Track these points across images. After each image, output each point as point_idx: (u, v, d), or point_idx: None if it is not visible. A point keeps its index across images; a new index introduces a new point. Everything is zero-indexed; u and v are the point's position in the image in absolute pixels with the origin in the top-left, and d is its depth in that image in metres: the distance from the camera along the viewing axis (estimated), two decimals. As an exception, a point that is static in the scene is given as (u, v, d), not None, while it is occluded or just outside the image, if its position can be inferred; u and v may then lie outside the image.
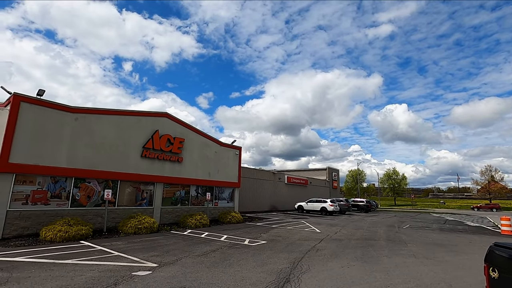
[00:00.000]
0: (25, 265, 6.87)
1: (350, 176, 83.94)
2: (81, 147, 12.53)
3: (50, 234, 10.09)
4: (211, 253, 8.80)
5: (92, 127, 13.01)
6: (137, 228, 12.42)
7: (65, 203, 11.97)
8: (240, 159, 21.54)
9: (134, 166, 14.47)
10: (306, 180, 38.11)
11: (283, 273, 6.66)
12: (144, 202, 14.93)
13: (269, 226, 16.57)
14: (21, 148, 10.79)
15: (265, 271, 6.85)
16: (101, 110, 13.51)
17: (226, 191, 20.18)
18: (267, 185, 30.87)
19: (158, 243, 10.36)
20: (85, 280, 5.80)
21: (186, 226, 14.91)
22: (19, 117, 10.85)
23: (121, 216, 13.65)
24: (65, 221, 10.82)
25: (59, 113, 11.98)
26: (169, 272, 6.56)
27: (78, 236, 10.51)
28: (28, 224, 10.83)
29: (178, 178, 16.58)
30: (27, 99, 11.14)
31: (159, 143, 15.59)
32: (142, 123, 15.09)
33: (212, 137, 19.46)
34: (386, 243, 11.63)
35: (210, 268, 6.96)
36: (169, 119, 16.60)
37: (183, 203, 16.97)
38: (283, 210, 32.37)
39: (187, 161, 17.25)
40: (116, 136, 13.85)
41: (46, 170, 11.38)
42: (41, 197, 11.31)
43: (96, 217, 12.76)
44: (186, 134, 17.37)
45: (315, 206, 28.51)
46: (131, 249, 9.12)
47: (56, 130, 11.82)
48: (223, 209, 19.40)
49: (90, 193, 12.85)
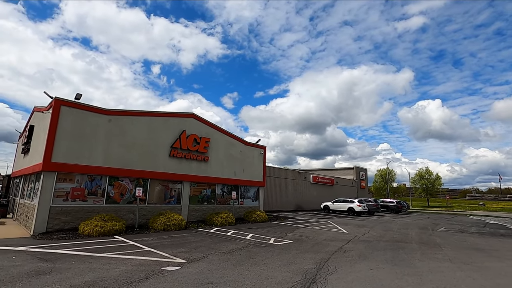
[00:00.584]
0: (66, 257, 7.41)
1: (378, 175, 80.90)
2: (115, 147, 13.24)
3: (88, 229, 10.78)
4: (237, 251, 8.91)
5: (125, 128, 13.69)
6: (166, 225, 12.89)
7: (101, 200, 12.72)
8: (264, 158, 21.57)
9: (163, 165, 15.02)
10: (332, 180, 37.30)
11: (309, 274, 6.59)
12: (172, 200, 15.46)
13: (294, 226, 16.45)
14: (61, 149, 11.62)
15: (290, 270, 6.81)
16: (132, 111, 14.17)
17: (251, 190, 20.32)
18: (292, 184, 30.64)
19: (186, 240, 10.68)
20: (119, 273, 6.13)
21: (212, 224, 15.23)
22: (59, 120, 11.68)
23: (151, 213, 14.23)
24: (101, 217, 11.50)
25: (94, 115, 12.74)
26: (197, 268, 6.74)
27: (112, 231, 11.13)
28: (68, 219, 11.65)
29: (204, 177, 16.97)
30: (67, 103, 11.97)
31: (186, 143, 16.05)
32: (170, 124, 15.62)
33: (237, 137, 19.67)
34: (419, 246, 11.08)
35: (236, 266, 7.05)
36: (195, 119, 17.02)
37: (209, 202, 17.34)
38: (308, 210, 31.96)
39: (213, 160, 17.59)
40: (146, 136, 14.46)
41: (84, 169, 12.16)
42: (79, 194, 12.11)
43: (128, 214, 13.42)
44: (211, 134, 17.72)
45: (342, 206, 27.83)
46: (161, 245, 9.49)
47: (92, 131, 12.58)
48: (248, 208, 19.56)
49: (123, 191, 13.54)
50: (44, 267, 6.37)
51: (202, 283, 5.63)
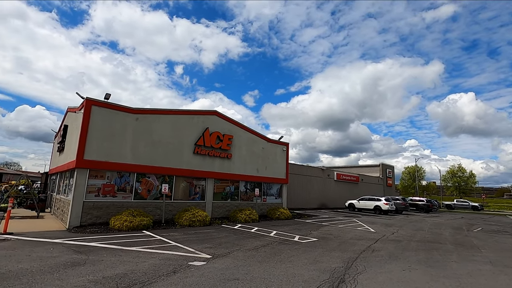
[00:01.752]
0: (99, 249, 7.73)
1: (406, 173, 77.69)
2: (142, 145, 13.66)
3: (118, 224, 11.22)
4: (261, 248, 8.86)
5: (151, 126, 14.07)
6: (191, 220, 13.13)
7: (129, 195, 13.19)
8: (287, 155, 21.35)
9: (187, 162, 15.30)
10: (357, 177, 36.25)
11: (337, 273, 6.38)
12: (197, 196, 15.72)
13: (319, 224, 16.14)
14: (93, 146, 12.16)
15: (317, 269, 6.64)
16: (158, 110, 14.53)
17: (274, 187, 20.21)
18: (315, 182, 30.15)
19: (211, 235, 10.79)
20: (148, 266, 6.27)
21: (236, 221, 15.31)
22: (90, 119, 12.22)
23: (177, 209, 14.56)
24: (130, 212, 11.92)
25: (123, 114, 13.20)
26: (222, 264, 6.76)
27: (140, 226, 11.50)
28: (100, 213, 12.20)
29: (227, 174, 17.09)
30: (97, 103, 12.49)
31: (209, 140, 16.23)
32: (194, 121, 15.86)
33: (259, 133, 19.61)
34: (454, 247, 10.43)
35: (261, 263, 6.99)
36: (218, 116, 17.15)
37: (232, 198, 17.45)
38: (332, 208, 31.32)
39: (236, 158, 17.66)
40: (171, 134, 14.79)
41: (114, 166, 12.66)
42: (109, 190, 12.63)
43: (155, 209, 13.82)
44: (234, 131, 17.78)
45: (368, 205, 26.96)
46: (187, 240, 9.65)
47: (121, 130, 13.05)
48: (271, 205, 19.48)
49: (150, 187, 13.95)
50: (78, 258, 6.68)
51: (228, 279, 5.62)
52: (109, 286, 4.97)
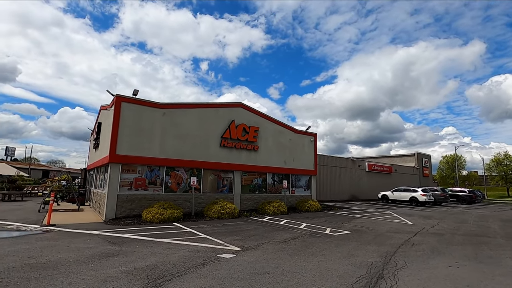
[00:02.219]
0: (131, 241, 7.91)
1: (444, 162, 72.93)
2: (170, 139, 13.87)
3: (150, 216, 11.52)
4: (292, 240, 8.58)
5: (178, 121, 14.24)
6: (220, 213, 13.17)
7: (160, 189, 13.51)
8: (315, 146, 20.71)
9: (214, 155, 15.34)
10: (391, 168, 34.50)
11: (374, 268, 5.93)
12: (224, 189, 15.77)
13: (350, 216, 15.50)
14: (124, 142, 12.54)
15: (352, 263, 6.23)
16: (184, 104, 14.65)
17: (302, 179, 19.75)
18: (345, 173, 29.14)
19: (240, 228, 10.71)
20: (178, 258, 6.27)
21: (264, 213, 15.15)
22: (121, 115, 12.58)
23: (206, 201, 14.70)
24: (161, 205, 12.19)
25: (150, 110, 13.45)
26: (252, 256, 6.58)
27: (171, 219, 11.73)
28: (133, 206, 12.62)
29: (254, 166, 16.93)
30: (126, 99, 12.82)
31: (236, 133, 16.12)
32: (220, 114, 15.81)
33: (286, 124, 19.16)
34: (507, 242, 9.41)
35: (292, 256, 6.72)
36: (244, 108, 16.97)
37: (260, 191, 17.30)
38: (363, 199, 30.16)
39: (263, 149, 17.43)
40: (198, 127, 14.87)
41: (144, 160, 12.99)
42: (141, 183, 13.01)
43: (185, 202, 14.05)
44: (260, 123, 17.52)
45: (403, 196, 25.55)
46: (216, 232, 9.64)
47: (149, 125, 13.33)
48: (300, 197, 19.08)
49: (179, 180, 14.19)
50: (112, 250, 6.86)
51: (258, 273, 5.43)
52: (140, 277, 4.98)
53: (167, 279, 4.95)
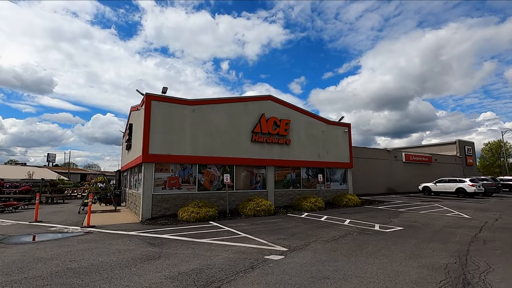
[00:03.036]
0: (171, 242, 7.56)
1: (487, 150, 67.53)
2: (200, 135, 13.54)
3: (185, 215, 11.23)
4: (341, 239, 7.80)
5: (207, 117, 13.87)
6: (255, 210, 12.64)
7: (193, 187, 13.23)
8: (350, 137, 19.54)
9: (246, 150, 14.82)
10: (430, 157, 32.13)
11: (453, 271, 5.03)
12: (258, 185, 15.21)
13: (395, 210, 14.31)
14: (156, 141, 12.36)
15: (422, 265, 5.36)
16: (213, 100, 14.25)
17: (337, 172, 18.71)
18: (381, 164, 27.50)
19: (279, 225, 10.08)
20: (222, 260, 5.76)
21: (301, 209, 14.41)
22: (151, 114, 12.42)
23: (239, 199, 14.25)
24: (196, 203, 11.89)
25: (180, 107, 13.19)
26: (303, 258, 5.92)
27: (207, 217, 11.37)
28: (168, 205, 12.44)
29: (287, 161, 16.21)
30: (156, 97, 12.63)
31: (266, 126, 15.48)
32: (249, 108, 15.25)
33: (318, 116, 18.21)
34: None
35: (348, 257, 5.96)
36: (273, 101, 16.27)
37: (294, 186, 16.56)
38: (402, 192, 28.32)
39: (295, 143, 16.65)
40: (228, 123, 14.42)
41: (176, 158, 12.76)
42: (175, 182, 12.80)
43: (218, 200, 13.68)
44: (291, 115, 16.74)
45: (448, 187, 23.55)
46: (255, 230, 9.08)
47: (179, 122, 13.07)
48: (336, 192, 18.08)
49: (212, 178, 13.84)
50: (153, 252, 6.51)
51: (316, 278, 4.75)
52: (187, 284, 4.50)
53: (217, 285, 4.42)
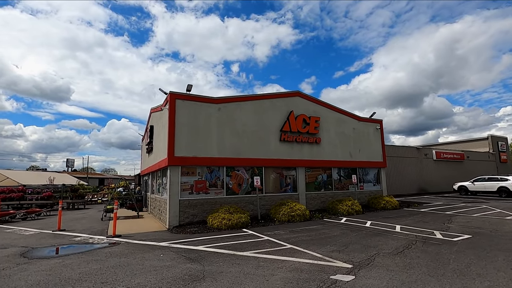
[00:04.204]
0: (210, 256, 6.62)
1: (516, 145, 63.66)
2: (227, 136, 12.63)
3: (216, 222, 10.31)
4: (407, 251, 6.64)
5: (234, 115, 12.95)
6: (290, 215, 11.59)
7: (221, 191, 12.32)
8: (382, 134, 18.20)
9: (274, 151, 13.81)
10: (462, 154, 30.13)
11: None
12: (288, 188, 14.16)
13: (442, 213, 12.93)
14: (182, 142, 11.53)
15: (542, 291, 4.18)
16: (239, 97, 13.33)
17: (370, 172, 17.41)
18: (410, 163, 25.87)
19: (323, 233, 8.99)
20: (282, 283, 4.75)
21: (337, 213, 13.25)
22: (176, 114, 11.60)
23: (269, 203, 13.25)
24: (226, 209, 10.95)
25: (205, 106, 12.33)
26: (378, 279, 4.83)
27: (239, 224, 10.40)
28: (195, 211, 11.57)
29: (318, 161, 15.08)
30: (180, 96, 11.81)
31: (296, 125, 14.43)
32: (276, 106, 14.24)
33: (348, 112, 16.98)
34: None
35: (438, 278, 4.83)
36: (301, 97, 15.20)
37: (326, 188, 15.40)
38: (434, 192, 26.56)
39: (325, 142, 15.50)
40: (254, 122, 13.46)
41: (203, 161, 11.89)
42: (202, 186, 11.93)
43: (248, 205, 12.72)
44: (320, 112, 15.61)
45: (488, 186, 21.73)
46: (300, 240, 8.04)
47: (205, 122, 12.20)
48: (370, 193, 16.80)
49: (240, 181, 12.89)
50: (194, 269, 5.58)
51: (416, 310, 3.66)
52: (253, 320, 3.51)
53: (293, 324, 3.41)
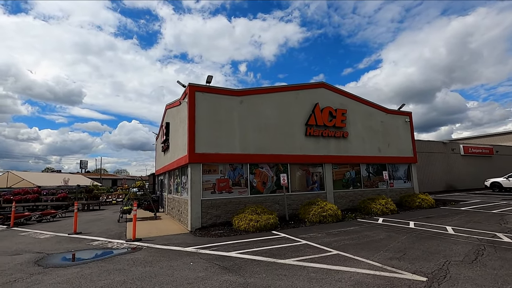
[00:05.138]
0: (246, 264, 5.72)
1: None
2: (250, 130, 11.74)
3: (243, 224, 9.43)
4: (479, 258, 5.58)
5: (256, 109, 12.05)
6: (321, 216, 10.60)
7: (245, 190, 11.44)
8: (412, 127, 16.98)
9: (300, 146, 12.83)
10: (491, 149, 28.39)
11: None
12: (315, 186, 13.16)
13: (489, 212, 11.69)
14: (202, 138, 10.71)
15: None
16: (262, 89, 12.42)
17: (400, 168, 16.22)
18: (437, 159, 24.41)
19: (365, 236, 7.98)
20: (350, 302, 3.80)
21: (370, 213, 12.18)
22: (196, 107, 10.78)
23: (296, 202, 12.29)
24: (253, 210, 10.05)
25: (227, 98, 11.46)
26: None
27: (268, 226, 9.50)
28: (218, 212, 10.72)
29: (345, 157, 14.02)
30: (200, 88, 10.99)
31: (321, 118, 13.41)
32: (300, 98, 13.26)
33: (376, 104, 15.83)
34: None
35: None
36: (326, 88, 14.16)
37: (354, 186, 14.31)
38: (463, 189, 25.00)
39: (352, 136, 14.42)
40: (278, 115, 12.52)
41: (225, 157, 11.03)
42: (224, 185, 11.07)
43: (273, 204, 11.80)
44: (346, 104, 14.54)
45: (526, 182, 20.16)
46: (343, 245, 7.06)
47: (227, 116, 11.34)
48: (400, 191, 15.61)
49: (265, 179, 11.98)
50: (235, 283, 4.69)
51: None
52: None
53: None
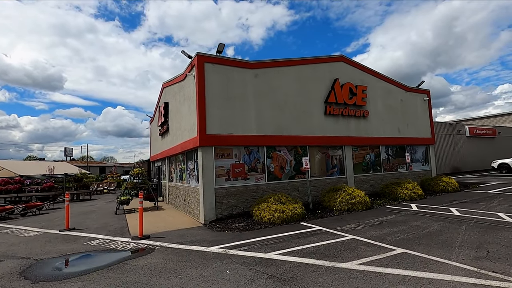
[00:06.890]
0: (300, 270, 4.46)
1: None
2: (266, 109, 10.30)
3: (267, 215, 8.16)
4: None
5: (272, 84, 10.56)
6: (349, 203, 9.48)
7: (262, 176, 10.12)
8: (430, 106, 15.89)
9: (319, 126, 11.54)
10: (494, 130, 27.99)
11: None
12: (335, 170, 11.99)
13: (523, 195, 10.87)
14: (213, 117, 9.21)
15: None
16: (278, 61, 10.86)
17: (418, 150, 15.24)
18: (443, 140, 23.72)
19: (416, 227, 6.87)
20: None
21: (396, 198, 11.15)
22: (206, 81, 9.20)
23: (316, 188, 11.13)
24: (276, 198, 8.78)
25: (240, 71, 9.91)
26: None
27: (295, 217, 8.29)
28: (234, 202, 9.41)
29: (365, 138, 12.85)
30: (210, 58, 9.36)
31: (342, 95, 12.08)
32: (319, 73, 11.82)
33: (395, 81, 14.58)
34: None
35: None
36: (346, 63, 12.75)
37: (374, 169, 13.25)
38: (468, 171, 24.61)
39: (372, 115, 13.21)
40: (296, 91, 11.10)
41: (240, 139, 9.61)
42: (240, 171, 9.71)
43: (293, 191, 10.59)
44: (366, 81, 13.23)
45: (536, 163, 19.74)
46: (399, 239, 5.91)
47: (241, 92, 9.83)
48: (419, 174, 14.70)
49: (283, 164, 10.68)
50: (304, 303, 3.42)
51: None
52: None
53: None
